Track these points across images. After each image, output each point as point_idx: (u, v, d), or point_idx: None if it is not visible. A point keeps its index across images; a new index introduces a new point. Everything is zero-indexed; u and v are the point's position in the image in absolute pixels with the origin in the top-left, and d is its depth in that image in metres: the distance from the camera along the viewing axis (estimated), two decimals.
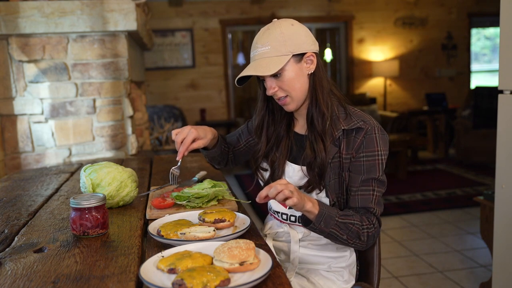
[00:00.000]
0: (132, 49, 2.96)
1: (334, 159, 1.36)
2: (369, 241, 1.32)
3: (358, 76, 7.30)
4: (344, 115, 1.39)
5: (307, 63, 1.37)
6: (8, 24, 2.41)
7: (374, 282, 1.49)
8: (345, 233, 1.28)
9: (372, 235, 1.31)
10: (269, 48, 1.33)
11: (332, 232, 1.27)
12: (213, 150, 1.58)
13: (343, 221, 1.27)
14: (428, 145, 6.83)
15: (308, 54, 1.36)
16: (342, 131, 1.36)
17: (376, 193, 1.34)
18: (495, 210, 2.16)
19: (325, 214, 1.25)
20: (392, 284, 2.88)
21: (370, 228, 1.31)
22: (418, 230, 3.80)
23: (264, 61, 1.33)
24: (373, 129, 1.36)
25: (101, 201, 1.25)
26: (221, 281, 0.91)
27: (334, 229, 1.26)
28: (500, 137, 2.10)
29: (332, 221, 1.26)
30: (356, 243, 1.31)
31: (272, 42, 1.32)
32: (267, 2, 6.85)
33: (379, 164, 1.35)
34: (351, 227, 1.28)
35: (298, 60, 1.35)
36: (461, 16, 7.46)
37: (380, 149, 1.35)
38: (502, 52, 2.05)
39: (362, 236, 1.29)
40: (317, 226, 1.25)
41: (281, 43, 1.32)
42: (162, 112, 6.01)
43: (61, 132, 2.59)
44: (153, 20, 6.08)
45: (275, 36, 1.33)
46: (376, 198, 1.34)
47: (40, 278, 1.00)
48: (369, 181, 1.34)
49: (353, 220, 1.28)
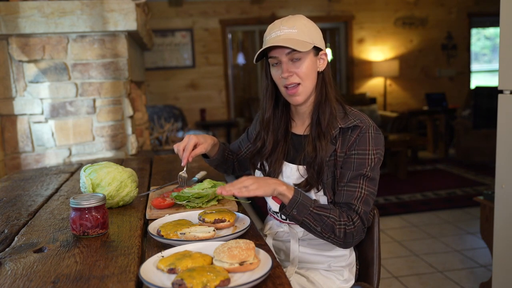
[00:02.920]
0: (132, 49, 2.96)
1: (331, 157, 1.37)
2: (347, 239, 1.29)
3: (358, 76, 7.30)
4: (342, 114, 1.40)
5: (320, 61, 1.39)
6: (8, 24, 2.41)
7: (374, 282, 1.49)
8: (319, 225, 1.27)
9: (350, 233, 1.28)
10: (297, 31, 1.33)
11: (305, 222, 1.27)
12: (215, 157, 1.62)
13: (317, 213, 1.27)
14: (428, 145, 6.83)
15: (323, 51, 1.39)
16: (339, 130, 1.37)
17: (364, 191, 1.32)
18: (495, 210, 2.16)
19: (298, 201, 1.26)
20: (392, 284, 2.88)
21: (348, 225, 1.28)
22: (418, 230, 3.80)
23: (290, 41, 1.31)
24: (368, 128, 1.36)
25: (101, 201, 1.25)
26: (221, 281, 0.91)
27: (308, 218, 1.26)
28: (500, 137, 2.10)
29: (306, 210, 1.26)
30: (332, 238, 1.29)
31: (300, 28, 1.34)
32: (267, 2, 6.85)
33: (370, 162, 1.33)
34: (326, 220, 1.27)
35: (315, 54, 1.38)
36: (461, 16, 7.46)
37: (371, 148, 1.34)
38: (502, 52, 2.05)
39: (338, 232, 1.27)
40: (289, 212, 1.27)
41: (306, 32, 1.34)
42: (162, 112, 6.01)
43: (61, 132, 2.59)
44: (153, 20, 6.08)
45: (303, 24, 1.35)
46: (363, 196, 1.31)
47: (40, 278, 1.00)
48: (357, 178, 1.33)
49: (329, 214, 1.27)
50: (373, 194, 1.34)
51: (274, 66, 1.39)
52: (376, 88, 7.35)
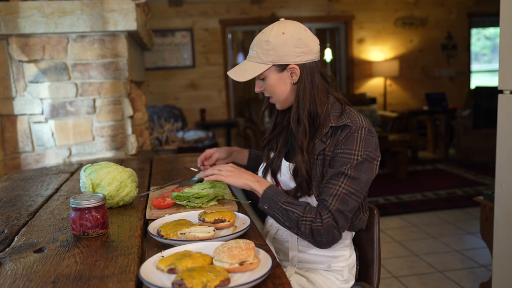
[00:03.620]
0: (132, 49, 2.96)
1: (319, 156, 1.36)
2: (315, 236, 1.27)
3: (358, 76, 7.30)
4: (338, 114, 1.38)
5: (291, 74, 1.39)
6: (8, 24, 2.41)
7: (374, 282, 1.49)
8: (286, 220, 1.31)
9: (317, 230, 1.26)
10: (255, 53, 1.40)
11: (276, 216, 1.33)
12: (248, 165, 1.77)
13: (285, 208, 1.30)
14: (428, 145, 6.83)
15: (291, 66, 1.37)
16: (330, 128, 1.36)
17: (341, 189, 1.28)
18: (495, 210, 2.16)
19: (268, 196, 1.32)
20: (392, 284, 2.88)
21: (314, 222, 1.27)
22: (418, 230, 3.80)
23: (247, 65, 1.41)
24: (358, 128, 1.33)
25: (101, 201, 1.25)
26: (221, 281, 0.91)
27: (277, 213, 1.32)
28: (500, 137, 2.10)
29: (275, 205, 1.32)
30: (299, 234, 1.30)
31: (258, 49, 1.39)
32: (267, 2, 6.85)
33: (353, 162, 1.30)
34: (291, 215, 1.29)
35: (280, 70, 1.39)
36: (461, 16, 7.46)
37: (359, 149, 1.31)
38: (502, 52, 2.05)
39: (303, 228, 1.27)
40: (261, 206, 1.34)
41: (264, 51, 1.37)
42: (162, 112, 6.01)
43: (61, 132, 2.59)
44: (153, 20, 6.07)
45: (261, 44, 1.38)
46: (339, 194, 1.28)
47: (40, 278, 1.00)
48: (338, 176, 1.30)
49: (295, 209, 1.29)
50: (354, 194, 1.29)
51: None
52: (376, 88, 7.35)
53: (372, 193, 4.82)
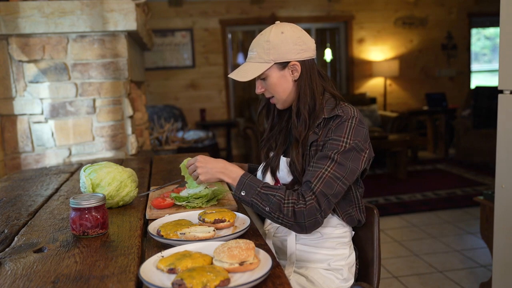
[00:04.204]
0: (132, 49, 2.96)
1: (312, 147, 1.39)
2: (297, 218, 1.27)
3: (358, 76, 7.30)
4: (331, 107, 1.41)
5: (292, 71, 1.42)
6: (8, 24, 2.41)
7: (374, 282, 1.49)
8: (267, 205, 1.30)
9: (300, 212, 1.26)
10: (255, 54, 1.42)
11: (254, 202, 1.31)
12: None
13: (265, 192, 1.30)
14: (428, 145, 6.83)
15: (292, 63, 1.41)
16: (323, 119, 1.39)
17: (327, 172, 1.29)
18: (495, 210, 2.16)
19: (245, 182, 1.32)
20: (392, 284, 2.88)
21: (297, 204, 1.27)
22: (418, 230, 3.80)
23: (248, 65, 1.43)
24: (349, 118, 1.36)
25: (100, 201, 1.25)
26: (221, 281, 0.91)
27: (255, 199, 1.31)
28: (500, 137, 2.10)
29: (253, 190, 1.31)
30: (281, 218, 1.29)
31: (258, 49, 1.41)
32: (267, 2, 6.85)
33: (340, 148, 1.32)
34: (272, 198, 1.29)
35: (282, 68, 1.41)
36: (461, 16, 7.46)
37: (348, 137, 1.33)
38: (502, 52, 2.05)
39: (285, 210, 1.27)
40: (238, 194, 1.33)
41: (265, 51, 1.40)
42: (162, 112, 6.01)
43: (61, 132, 2.59)
44: (153, 20, 6.07)
45: (262, 44, 1.40)
46: (324, 177, 1.28)
47: (40, 278, 1.00)
48: (323, 159, 1.32)
49: (276, 193, 1.29)
50: (339, 179, 1.30)
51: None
52: (376, 88, 7.35)
53: (372, 193, 4.82)
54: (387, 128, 6.35)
